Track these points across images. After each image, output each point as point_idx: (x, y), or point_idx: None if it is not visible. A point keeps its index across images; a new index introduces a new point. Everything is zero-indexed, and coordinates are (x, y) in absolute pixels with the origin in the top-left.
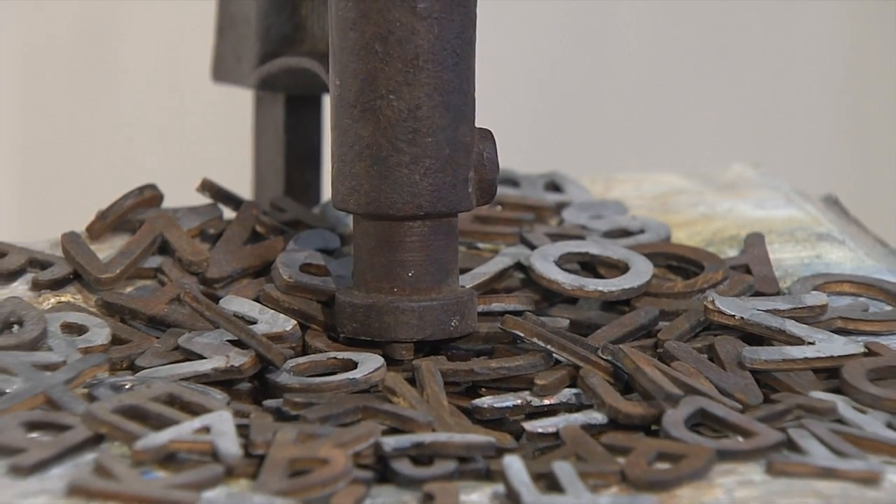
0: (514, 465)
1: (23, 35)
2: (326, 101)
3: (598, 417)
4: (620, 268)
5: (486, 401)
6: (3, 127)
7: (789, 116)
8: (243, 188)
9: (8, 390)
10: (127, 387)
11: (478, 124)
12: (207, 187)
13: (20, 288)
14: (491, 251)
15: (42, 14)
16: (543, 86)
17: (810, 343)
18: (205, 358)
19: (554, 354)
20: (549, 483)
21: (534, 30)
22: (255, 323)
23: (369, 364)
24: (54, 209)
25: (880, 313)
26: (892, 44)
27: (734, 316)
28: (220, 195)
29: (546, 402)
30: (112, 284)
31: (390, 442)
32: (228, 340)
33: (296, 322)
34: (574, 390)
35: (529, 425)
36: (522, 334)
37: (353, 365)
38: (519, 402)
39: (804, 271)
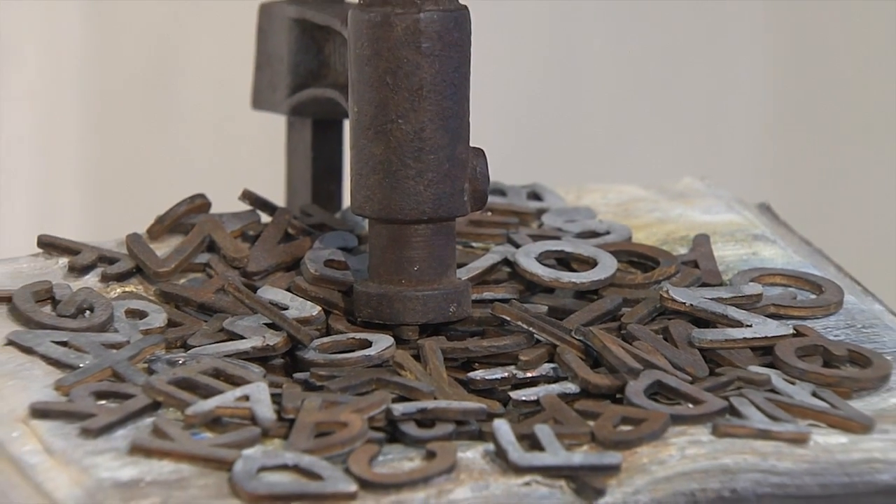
0: (502, 428)
1: (100, 70)
2: (346, 125)
3: (572, 388)
4: (590, 263)
5: (478, 374)
6: (81, 147)
7: (729, 139)
8: (278, 197)
9: (81, 365)
10: (180, 362)
11: (472, 143)
12: (248, 196)
13: (91, 280)
14: (483, 249)
15: (117, 50)
16: (526, 114)
17: (748, 326)
18: (245, 338)
19: (535, 335)
20: (532, 442)
21: (515, 66)
22: (286, 309)
23: (382, 343)
24: (121, 214)
25: (806, 301)
26: (811, 77)
27: (685, 303)
28: (259, 203)
29: (529, 374)
30: (168, 277)
31: (399, 408)
32: (265, 323)
33: (321, 308)
34: (552, 365)
35: (515, 394)
36: (509, 318)
37: (368, 344)
38: (506, 374)
39: (742, 266)
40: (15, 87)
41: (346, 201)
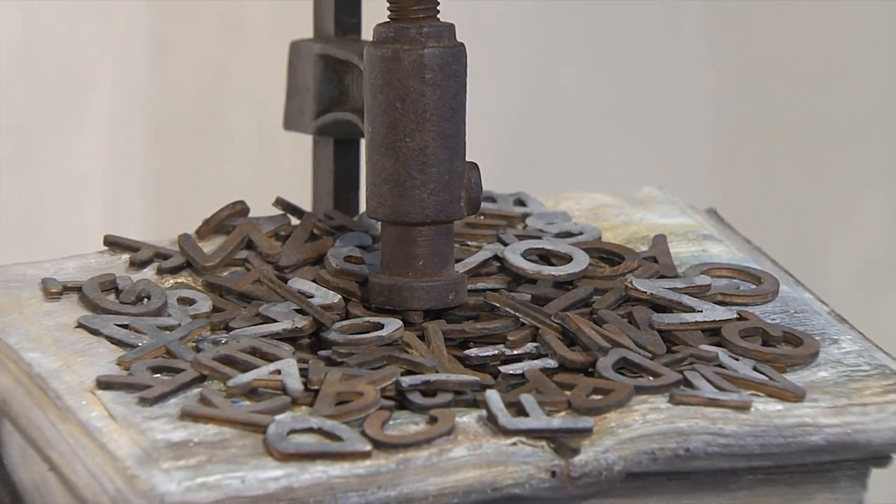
0: (493, 397)
1: (161, 99)
2: (362, 144)
3: (551, 363)
4: (567, 259)
5: (473, 351)
6: (144, 162)
7: (683, 155)
8: (305, 203)
9: (139, 344)
10: (223, 342)
11: (467, 158)
12: (280, 203)
13: (149, 273)
14: (476, 247)
15: (176, 82)
16: (513, 134)
17: (699, 311)
18: (277, 321)
19: (521, 319)
20: (518, 409)
21: (505, 94)
22: (312, 297)
23: (392, 326)
24: (174, 218)
25: (748, 290)
26: (750, 102)
27: (646, 292)
28: (289, 208)
29: (515, 352)
30: (213, 270)
31: (406, 380)
32: (294, 309)
33: (341, 296)
34: (535, 344)
35: (504, 368)
36: (499, 305)
37: (380, 326)
38: (496, 352)
39: (694, 261)
40: (91, 114)
41: (362, 207)
